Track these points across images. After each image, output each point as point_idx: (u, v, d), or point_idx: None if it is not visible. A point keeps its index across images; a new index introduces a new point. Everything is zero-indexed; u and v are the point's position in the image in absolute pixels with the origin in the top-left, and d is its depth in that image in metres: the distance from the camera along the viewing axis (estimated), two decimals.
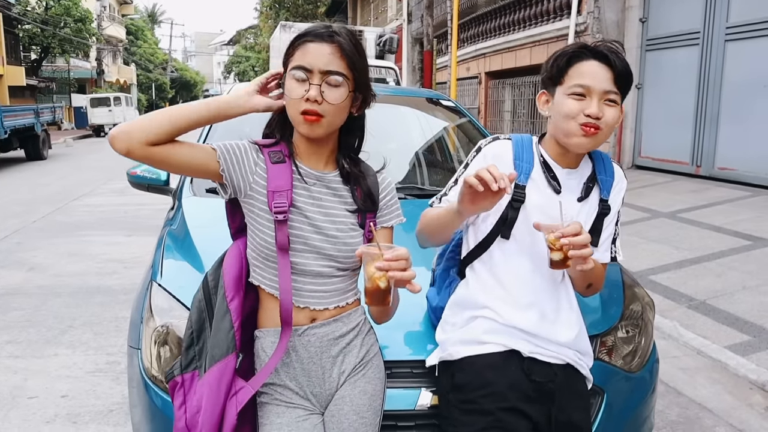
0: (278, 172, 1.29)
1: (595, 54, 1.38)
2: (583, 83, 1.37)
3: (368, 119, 1.42)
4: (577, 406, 1.46)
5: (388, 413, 1.47)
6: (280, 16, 27.10)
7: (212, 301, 1.35)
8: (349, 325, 1.37)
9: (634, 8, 8.75)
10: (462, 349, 1.46)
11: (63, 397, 2.98)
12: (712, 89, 7.54)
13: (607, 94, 1.36)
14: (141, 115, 1.30)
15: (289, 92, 1.27)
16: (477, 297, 1.47)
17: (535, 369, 1.43)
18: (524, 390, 1.41)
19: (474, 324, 1.47)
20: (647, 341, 1.93)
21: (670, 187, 7.45)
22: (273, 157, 1.31)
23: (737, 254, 4.76)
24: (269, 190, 1.28)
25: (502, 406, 1.39)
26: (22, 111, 15.01)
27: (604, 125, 1.37)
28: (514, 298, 1.45)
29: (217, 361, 1.27)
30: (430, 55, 12.04)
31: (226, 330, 1.29)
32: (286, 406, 1.33)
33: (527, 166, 1.45)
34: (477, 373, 1.42)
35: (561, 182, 1.45)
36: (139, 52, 45.46)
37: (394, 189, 1.45)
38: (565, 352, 1.46)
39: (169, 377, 1.35)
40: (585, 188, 1.47)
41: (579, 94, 1.37)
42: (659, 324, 3.66)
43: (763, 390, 2.99)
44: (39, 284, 4.87)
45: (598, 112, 1.35)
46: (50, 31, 25.10)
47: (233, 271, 1.33)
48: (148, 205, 7.82)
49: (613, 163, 1.53)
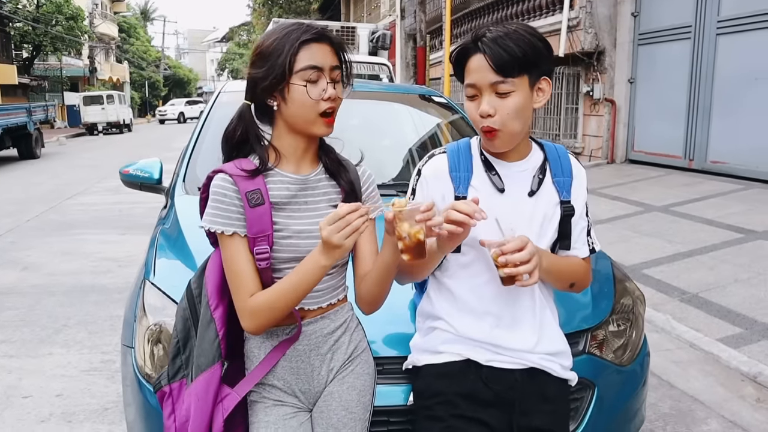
0: (258, 217, 1.25)
1: (475, 47, 1.28)
2: (470, 82, 1.30)
3: (362, 116, 1.41)
4: (541, 410, 1.42)
5: (380, 409, 1.48)
6: (273, 13, 27.00)
7: (197, 309, 1.34)
8: (337, 321, 1.37)
9: (626, 3, 8.77)
10: (422, 357, 1.48)
11: (58, 396, 2.98)
12: (704, 83, 7.57)
13: (495, 86, 1.27)
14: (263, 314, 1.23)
15: (302, 95, 1.23)
16: (433, 308, 1.47)
17: (493, 377, 1.41)
18: (482, 398, 1.40)
19: (433, 334, 1.47)
20: (638, 335, 1.95)
21: (663, 180, 7.49)
22: (251, 200, 1.25)
23: (729, 247, 4.79)
24: (250, 236, 1.25)
25: (455, 413, 1.39)
26: (15, 110, 14.95)
27: (500, 123, 1.29)
28: (469, 307, 1.42)
29: (203, 371, 1.28)
30: (423, 51, 12.04)
31: (210, 339, 1.28)
32: (273, 404, 1.34)
33: (465, 174, 1.40)
34: (430, 382, 1.44)
35: (507, 178, 1.39)
36: (131, 49, 45.24)
37: (375, 182, 1.43)
38: (526, 357, 1.42)
39: (157, 387, 1.35)
40: (536, 181, 1.39)
41: (472, 96, 1.31)
42: (652, 317, 3.69)
43: (754, 382, 3.02)
44: (33, 283, 4.86)
45: (488, 108, 1.28)
46: (42, 29, 24.94)
47: (216, 279, 1.32)
48: (142, 204, 7.80)
49: (570, 157, 1.46)
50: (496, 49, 1.25)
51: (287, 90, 1.24)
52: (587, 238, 1.47)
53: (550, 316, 1.49)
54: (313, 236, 1.28)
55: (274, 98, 1.27)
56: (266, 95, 1.27)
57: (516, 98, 1.28)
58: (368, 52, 8.75)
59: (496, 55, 1.25)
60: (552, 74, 1.37)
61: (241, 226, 1.26)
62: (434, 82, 13.00)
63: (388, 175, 2.75)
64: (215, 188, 1.27)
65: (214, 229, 1.26)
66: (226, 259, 1.27)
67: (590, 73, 9.26)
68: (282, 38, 1.24)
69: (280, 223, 1.28)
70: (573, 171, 1.44)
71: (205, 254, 1.43)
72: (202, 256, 1.44)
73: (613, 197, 6.87)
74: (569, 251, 1.46)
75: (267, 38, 1.27)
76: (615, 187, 7.40)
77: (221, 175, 1.28)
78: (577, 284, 1.46)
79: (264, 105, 1.30)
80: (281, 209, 1.29)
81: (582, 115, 9.66)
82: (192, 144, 2.85)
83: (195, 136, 2.90)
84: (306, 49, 1.24)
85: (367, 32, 8.86)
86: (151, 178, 2.87)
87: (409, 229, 1.16)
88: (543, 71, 1.32)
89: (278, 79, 1.23)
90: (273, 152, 1.32)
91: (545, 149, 1.45)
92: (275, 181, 1.30)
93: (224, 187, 1.27)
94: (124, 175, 2.91)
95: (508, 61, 1.25)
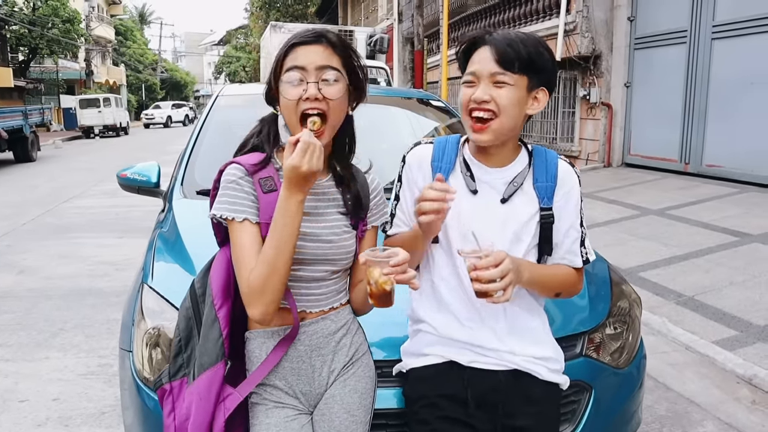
0: (271, 202, 1.25)
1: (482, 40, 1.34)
2: (471, 70, 1.34)
3: (359, 120, 1.41)
4: (525, 411, 1.41)
5: (378, 412, 1.49)
6: (270, 16, 27.01)
7: (200, 309, 1.34)
8: (338, 323, 1.38)
9: (622, 7, 8.82)
10: (409, 362, 1.50)
11: (54, 400, 2.97)
12: (699, 87, 7.61)
13: (493, 77, 1.31)
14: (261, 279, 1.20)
15: (283, 96, 1.26)
16: (418, 310, 1.49)
17: (476, 378, 1.41)
18: (465, 399, 1.40)
19: (417, 337, 1.49)
20: (634, 337, 1.96)
21: (659, 184, 7.52)
22: (264, 186, 1.27)
23: (725, 250, 4.82)
24: (263, 222, 1.25)
25: (440, 415, 1.40)
26: (11, 112, 14.90)
27: (496, 108, 1.31)
28: (451, 306, 1.43)
29: (206, 369, 1.27)
30: (420, 54, 12.08)
31: (214, 338, 1.28)
32: (275, 406, 1.34)
33: (446, 166, 1.42)
34: (415, 385, 1.46)
35: (483, 181, 1.40)
36: (128, 52, 45.16)
37: (383, 189, 1.46)
38: (509, 357, 1.42)
39: (158, 385, 1.36)
40: (510, 189, 1.39)
41: (469, 82, 1.35)
42: (649, 320, 3.70)
43: (750, 384, 3.03)
44: (29, 287, 4.85)
45: (482, 95, 1.30)
46: (38, 32, 24.87)
47: (221, 278, 1.32)
48: (138, 207, 7.78)
49: (560, 162, 1.44)
50: (503, 44, 1.30)
51: (277, 94, 1.28)
52: (581, 248, 1.43)
53: (541, 319, 1.49)
54: (319, 240, 1.30)
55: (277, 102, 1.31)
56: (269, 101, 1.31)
57: (512, 92, 1.31)
58: (366, 55, 8.78)
59: (500, 49, 1.30)
60: (552, 88, 1.39)
61: (252, 213, 1.25)
62: (432, 86, 13.03)
63: (386, 178, 2.74)
64: (227, 176, 1.28)
65: (225, 215, 1.25)
66: (236, 246, 1.25)
67: (587, 77, 9.30)
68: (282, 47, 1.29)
69: None
70: (558, 176, 1.41)
71: (203, 258, 1.43)
72: (201, 260, 1.44)
73: (610, 200, 6.90)
74: (559, 259, 1.44)
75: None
76: (611, 190, 7.43)
77: (233, 164, 1.29)
78: (564, 293, 1.45)
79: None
80: None
81: (579, 119, 9.70)
82: (190, 147, 2.85)
83: (193, 139, 2.90)
84: (293, 51, 1.26)
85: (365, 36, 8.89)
86: (149, 182, 2.87)
87: (377, 277, 1.17)
88: (543, 81, 1.34)
89: (270, 84, 1.29)
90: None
91: (533, 154, 1.44)
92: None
93: (236, 175, 1.27)
94: (122, 178, 2.91)
95: (512, 56, 1.29)
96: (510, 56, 1.29)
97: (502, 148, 1.40)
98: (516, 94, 1.31)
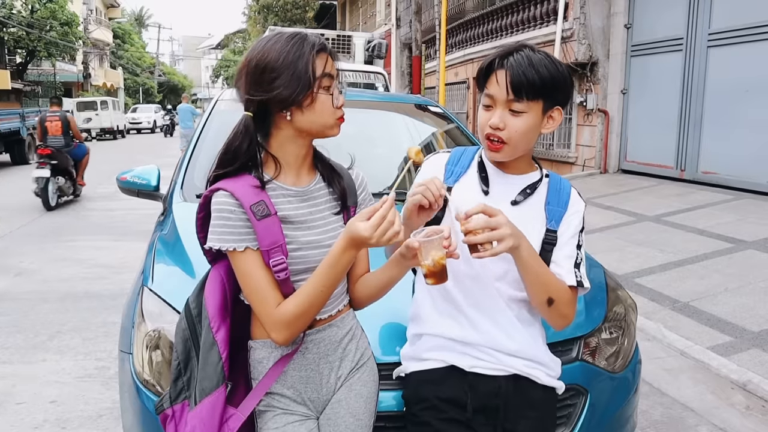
0: (267, 228, 1.22)
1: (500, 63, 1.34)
2: (489, 92, 1.36)
3: (358, 125, 1.42)
4: (526, 416, 1.44)
5: (377, 414, 1.49)
6: (268, 20, 27.09)
7: (197, 330, 1.32)
8: (344, 329, 1.38)
9: (619, 14, 8.88)
10: (409, 365, 1.51)
11: (52, 403, 2.97)
12: (695, 94, 7.67)
13: (509, 104, 1.33)
14: (298, 313, 1.22)
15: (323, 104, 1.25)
16: (420, 313, 1.50)
17: (477, 384, 1.42)
18: (466, 404, 1.42)
19: (419, 342, 1.50)
20: (630, 342, 1.98)
21: (655, 190, 7.56)
22: (257, 213, 1.22)
23: (720, 257, 4.85)
24: (263, 250, 1.22)
25: (441, 417, 1.41)
26: (8, 115, 14.88)
27: (507, 137, 1.34)
28: (452, 311, 1.45)
29: (208, 395, 1.26)
30: (418, 60, 12.10)
31: (214, 363, 1.26)
32: (282, 413, 1.34)
33: (459, 170, 1.47)
34: (416, 388, 1.48)
35: (496, 183, 1.43)
36: (126, 55, 45.17)
37: (368, 184, 1.45)
38: (510, 362, 1.43)
39: (160, 410, 1.34)
40: (522, 193, 1.42)
41: (487, 106, 1.37)
42: (644, 326, 3.72)
43: (744, 390, 3.05)
44: (26, 289, 4.84)
45: (498, 122, 1.33)
46: (36, 35, 24.87)
47: (217, 300, 1.29)
48: (136, 210, 7.79)
49: (572, 192, 1.47)
50: (518, 72, 1.31)
51: (310, 99, 1.23)
52: (575, 270, 1.41)
53: (536, 324, 1.49)
54: (322, 246, 1.29)
55: (289, 109, 1.24)
56: (284, 107, 1.23)
57: (526, 120, 1.34)
58: (364, 60, 8.79)
59: (516, 77, 1.31)
60: (566, 105, 1.41)
61: (251, 240, 1.23)
62: (430, 92, 13.06)
63: (384, 183, 2.77)
64: (217, 206, 1.23)
65: (225, 247, 1.22)
66: (243, 275, 1.23)
67: (584, 84, 9.34)
68: (293, 50, 1.22)
69: (288, 236, 1.26)
70: (570, 204, 1.44)
71: (203, 261, 1.42)
72: (201, 263, 1.44)
73: (606, 207, 6.93)
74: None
75: (268, 53, 1.22)
76: (608, 196, 7.46)
77: (221, 192, 1.24)
78: (557, 302, 1.37)
79: (263, 115, 1.27)
80: (288, 222, 1.28)
81: (575, 125, 9.74)
82: (190, 151, 2.86)
83: (193, 143, 2.92)
84: (319, 58, 1.24)
85: (363, 41, 8.91)
86: (149, 185, 2.88)
87: (435, 256, 1.22)
88: (558, 101, 1.37)
89: (304, 91, 1.21)
90: (273, 163, 1.30)
91: (550, 178, 1.48)
92: (277, 195, 1.28)
93: (226, 203, 1.23)
94: (122, 182, 2.92)
95: (526, 85, 1.31)
96: (524, 85, 1.31)
97: (518, 160, 1.44)
98: (530, 121, 1.34)
